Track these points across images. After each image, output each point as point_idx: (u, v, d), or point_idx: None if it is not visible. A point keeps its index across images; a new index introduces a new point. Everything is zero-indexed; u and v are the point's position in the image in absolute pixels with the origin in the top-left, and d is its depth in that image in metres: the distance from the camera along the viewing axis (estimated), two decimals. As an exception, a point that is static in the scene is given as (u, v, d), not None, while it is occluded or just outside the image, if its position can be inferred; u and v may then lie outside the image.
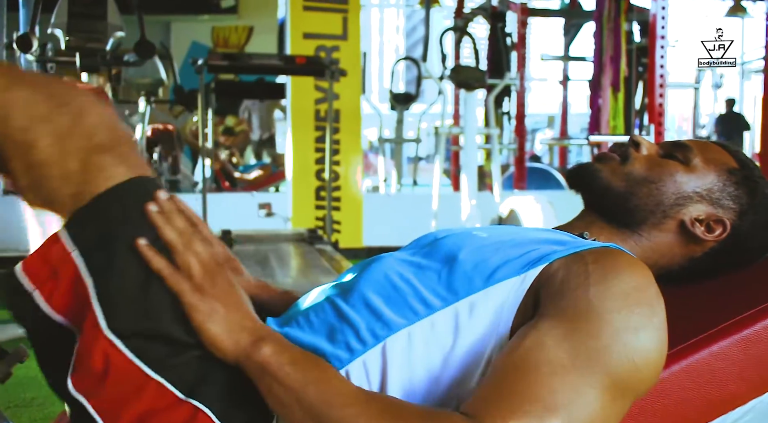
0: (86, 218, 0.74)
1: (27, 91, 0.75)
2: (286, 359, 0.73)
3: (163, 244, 0.76)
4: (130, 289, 0.74)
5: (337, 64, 3.68)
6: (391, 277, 0.84)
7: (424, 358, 0.78)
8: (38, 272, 0.75)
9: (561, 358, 0.70)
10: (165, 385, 0.73)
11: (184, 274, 0.75)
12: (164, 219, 0.77)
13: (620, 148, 0.96)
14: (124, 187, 0.75)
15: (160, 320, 0.74)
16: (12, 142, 0.74)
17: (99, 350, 0.72)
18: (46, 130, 0.74)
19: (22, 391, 2.06)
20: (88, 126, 0.75)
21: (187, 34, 8.27)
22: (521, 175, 5.51)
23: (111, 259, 0.74)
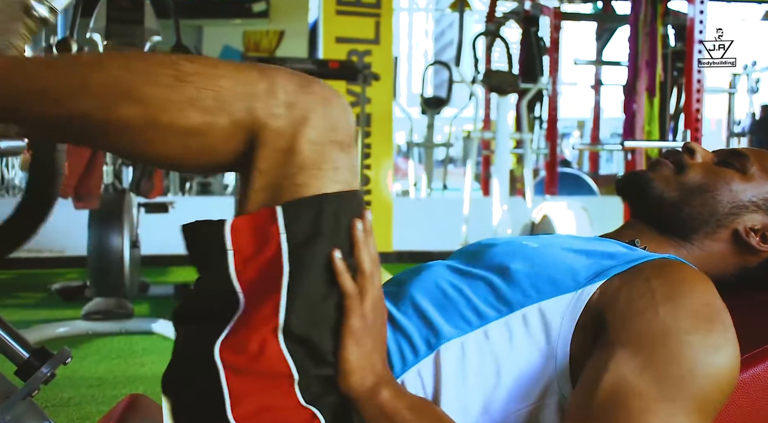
0: (305, 211, 0.73)
1: (282, 82, 0.72)
2: (404, 405, 0.74)
3: (353, 262, 0.75)
4: (314, 294, 0.73)
5: (369, 68, 3.69)
6: (442, 286, 0.83)
7: (477, 368, 0.77)
8: (242, 237, 0.73)
9: (647, 390, 0.70)
10: (295, 388, 0.73)
11: (360, 298, 0.75)
12: (365, 240, 0.76)
13: (674, 156, 0.94)
14: (347, 197, 0.75)
15: (322, 331, 0.74)
16: (277, 133, 0.72)
17: (262, 334, 0.72)
18: (313, 118, 0.72)
19: (59, 391, 2.09)
20: (333, 118, 0.74)
21: (218, 38, 8.34)
22: (553, 180, 5.46)
23: (311, 258, 0.73)
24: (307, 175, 0.73)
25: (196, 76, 0.71)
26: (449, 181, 7.42)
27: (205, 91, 0.71)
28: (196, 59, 0.73)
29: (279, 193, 0.73)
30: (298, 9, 8.42)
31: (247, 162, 0.74)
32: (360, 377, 0.74)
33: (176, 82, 0.71)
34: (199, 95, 0.71)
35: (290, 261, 0.73)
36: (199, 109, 0.71)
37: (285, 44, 8.32)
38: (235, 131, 0.72)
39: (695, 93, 3.20)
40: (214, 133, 0.72)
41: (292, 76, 0.74)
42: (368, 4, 4.62)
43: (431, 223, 5.00)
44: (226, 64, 0.73)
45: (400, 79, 7.59)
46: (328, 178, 0.73)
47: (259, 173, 0.73)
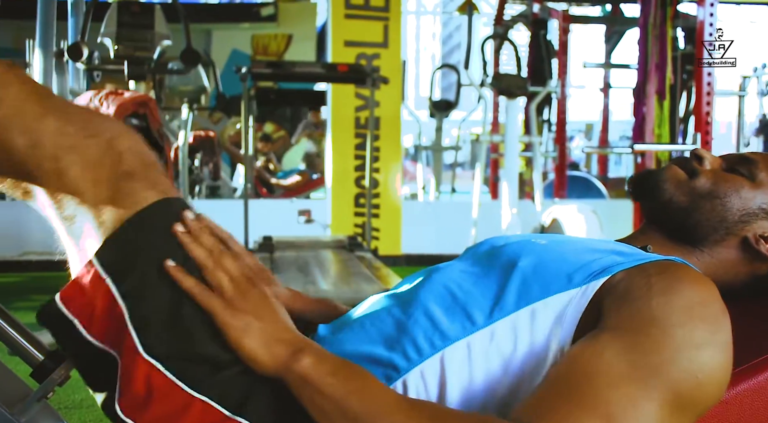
0: (116, 244, 0.76)
1: (59, 120, 0.77)
2: (326, 370, 0.73)
3: (194, 263, 0.77)
4: (163, 311, 0.75)
5: (378, 71, 3.69)
6: (451, 287, 0.83)
7: (483, 367, 0.77)
8: (76, 300, 0.77)
9: (620, 369, 0.69)
10: (210, 404, 0.74)
11: (216, 291, 0.76)
12: (191, 238, 0.78)
13: (683, 163, 0.94)
14: (150, 211, 0.77)
15: (195, 340, 0.75)
16: (43, 170, 0.77)
17: (140, 373, 0.74)
18: (76, 159, 0.76)
19: (72, 393, 2.10)
20: (116, 154, 0.77)
21: (227, 42, 8.38)
22: (562, 183, 5.45)
23: (142, 282, 0.75)
24: (106, 212, 0.77)
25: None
26: (458, 185, 7.42)
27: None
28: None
29: (93, 232, 0.78)
30: (307, 13, 8.45)
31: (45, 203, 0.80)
32: (270, 354, 0.74)
33: None
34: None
35: (122, 294, 0.75)
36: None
37: (293, 48, 8.35)
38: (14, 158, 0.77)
39: (705, 96, 3.19)
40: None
41: (69, 127, 0.78)
42: (377, 8, 4.63)
43: (440, 227, 5.00)
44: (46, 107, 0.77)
45: (409, 82, 7.59)
46: (126, 206, 0.77)
47: (64, 220, 0.79)
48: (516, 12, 6.29)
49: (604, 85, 6.81)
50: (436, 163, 7.07)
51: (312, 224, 4.67)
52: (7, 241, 4.30)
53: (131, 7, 3.30)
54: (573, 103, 11.37)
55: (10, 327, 1.06)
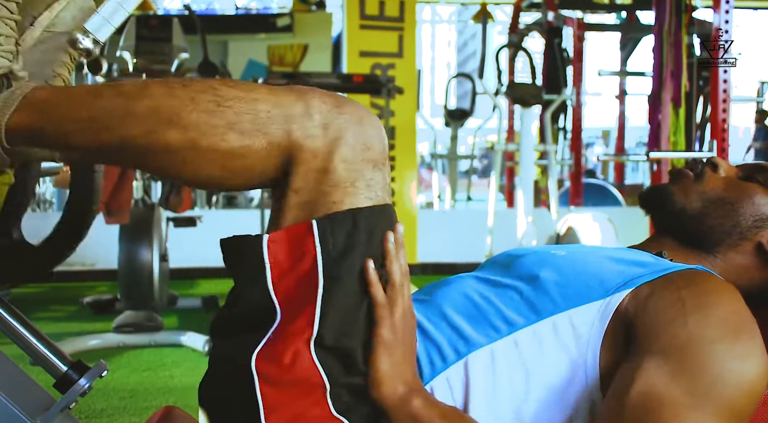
0: (340, 225, 0.76)
1: (318, 103, 0.76)
2: (436, 414, 0.76)
3: (384, 273, 0.78)
4: (347, 305, 0.76)
5: (393, 81, 3.72)
6: (471, 296, 0.85)
7: (506, 375, 0.79)
8: (279, 251, 0.76)
9: (676, 398, 0.71)
10: (327, 398, 0.76)
11: (390, 308, 0.77)
12: (396, 252, 0.79)
13: (695, 166, 0.95)
14: (379, 211, 0.78)
15: (353, 340, 0.76)
16: (313, 154, 0.75)
17: (295, 345, 0.74)
18: (347, 139, 0.75)
19: (92, 402, 2.13)
20: (366, 137, 0.77)
21: (243, 53, 8.45)
22: (577, 191, 5.43)
23: (346, 271, 0.76)
24: (341, 193, 0.76)
25: (234, 100, 0.75)
26: (473, 193, 7.41)
27: (243, 114, 0.74)
28: (235, 84, 0.76)
29: (313, 210, 0.76)
30: (322, 23, 8.51)
31: (283, 180, 0.77)
32: (391, 386, 0.76)
33: (216, 108, 0.74)
34: (237, 119, 0.74)
35: (325, 274, 0.75)
36: (238, 132, 0.74)
37: (309, 58, 8.40)
38: (273, 152, 0.75)
39: (721, 102, 3.18)
40: (253, 154, 0.75)
41: (327, 97, 0.77)
42: (391, 18, 4.66)
43: (456, 235, 5.00)
44: (262, 88, 0.77)
45: (424, 90, 7.61)
46: (361, 195, 0.76)
47: (294, 192, 0.76)
48: (531, 20, 6.29)
49: (619, 93, 6.78)
50: (451, 172, 7.08)
51: (328, 233, 4.68)
52: (29, 252, 4.35)
53: (149, 20, 3.35)
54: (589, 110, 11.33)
55: (33, 337, 1.09)
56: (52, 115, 0.77)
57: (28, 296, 3.97)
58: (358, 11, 4.62)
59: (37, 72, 0.89)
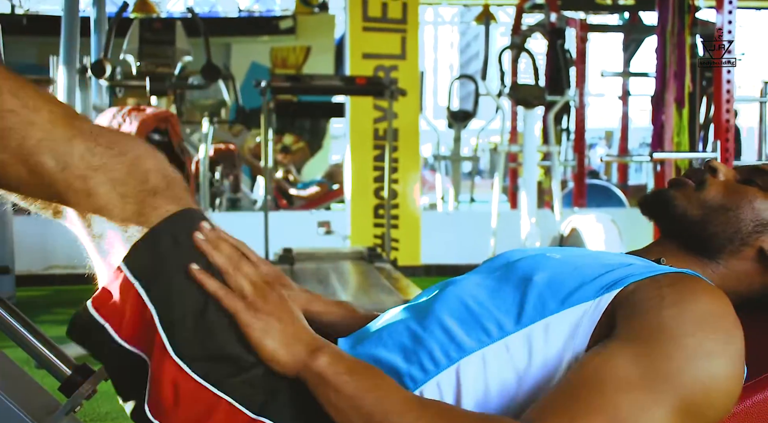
0: (143, 250, 0.79)
1: (87, 141, 0.80)
2: (343, 368, 0.76)
3: (215, 269, 0.80)
4: (190, 314, 0.78)
5: (396, 83, 3.72)
6: (466, 300, 0.85)
7: (498, 379, 0.79)
8: (107, 306, 0.80)
9: (630, 375, 0.70)
10: (235, 405, 0.76)
11: (237, 294, 0.79)
12: (212, 245, 0.81)
13: (695, 174, 0.95)
14: (173, 219, 0.80)
15: (220, 341, 0.78)
16: (73, 191, 0.79)
17: (168, 376, 0.76)
18: (104, 178, 0.79)
19: (97, 406, 2.13)
20: (142, 172, 0.80)
21: (246, 55, 8.47)
22: (581, 192, 5.43)
23: (170, 285, 0.78)
24: (133, 226, 0.79)
25: (9, 113, 0.77)
26: (476, 194, 7.41)
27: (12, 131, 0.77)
28: (21, 95, 0.78)
29: (121, 244, 0.80)
30: (325, 25, 8.52)
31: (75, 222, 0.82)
32: (289, 354, 0.77)
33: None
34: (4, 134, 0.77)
35: (152, 298, 0.78)
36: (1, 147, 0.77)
37: (312, 60, 8.41)
38: (37, 180, 0.79)
39: (725, 103, 3.17)
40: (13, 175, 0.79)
41: (100, 142, 0.80)
42: (394, 20, 4.66)
43: (459, 237, 5.00)
44: (46, 109, 0.79)
45: (427, 92, 7.61)
46: (152, 220, 0.79)
47: (93, 238, 0.82)
48: (533, 21, 6.29)
49: (622, 93, 6.78)
50: (454, 173, 7.08)
51: (331, 236, 4.70)
52: (32, 256, 4.37)
53: (153, 23, 3.37)
54: (592, 110, 11.33)
55: (38, 341, 1.09)
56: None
57: (31, 299, 3.98)
58: (360, 13, 4.62)
59: None
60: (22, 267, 4.09)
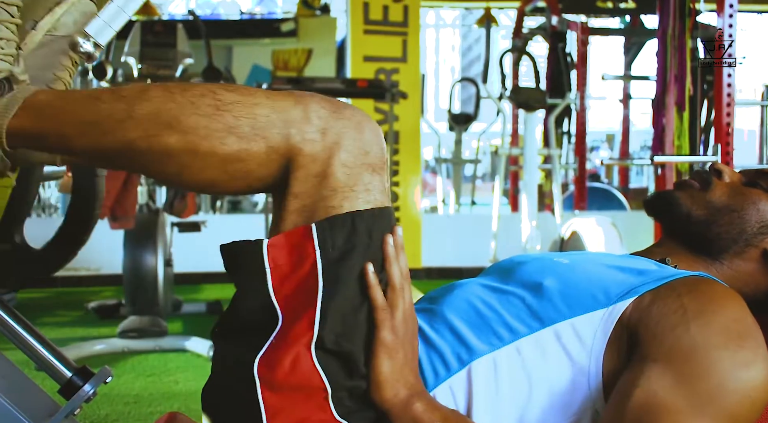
0: (339, 228, 0.76)
1: (311, 107, 0.76)
2: (437, 417, 0.76)
3: (384, 276, 0.78)
4: (347, 308, 0.76)
5: (397, 86, 3.72)
6: (474, 303, 0.85)
7: (509, 383, 0.79)
8: (280, 256, 0.77)
9: (678, 405, 0.71)
10: (329, 401, 0.76)
11: (390, 311, 0.78)
12: (395, 255, 0.79)
13: (700, 176, 0.95)
14: (378, 214, 0.78)
15: (354, 343, 0.77)
16: (302, 155, 0.76)
17: (297, 347, 0.75)
18: (329, 142, 0.76)
19: (96, 408, 2.13)
20: (365, 142, 0.78)
21: (248, 58, 8.47)
22: (582, 195, 5.42)
23: (345, 274, 0.76)
24: (339, 197, 0.76)
25: (233, 104, 0.75)
26: (477, 197, 7.41)
27: (242, 118, 0.74)
28: (234, 88, 0.77)
29: (313, 214, 0.77)
30: (326, 28, 8.52)
31: (282, 185, 0.77)
32: (392, 389, 0.76)
33: (215, 111, 0.74)
34: (237, 123, 0.74)
35: (324, 277, 0.76)
36: (237, 136, 0.74)
37: (313, 63, 8.41)
38: (272, 156, 0.76)
39: (725, 106, 3.17)
40: (252, 158, 0.75)
41: (325, 102, 0.77)
42: (395, 23, 4.67)
43: (460, 240, 4.99)
44: (261, 93, 0.77)
45: (428, 94, 7.61)
46: (359, 199, 0.77)
47: (293, 196, 0.77)
48: (535, 24, 6.30)
49: (623, 97, 6.78)
50: (455, 176, 7.08)
51: (332, 238, 4.69)
52: (34, 257, 4.36)
53: (154, 26, 3.37)
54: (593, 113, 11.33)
55: (38, 343, 1.09)
56: (52, 118, 0.78)
57: (32, 301, 3.98)
58: (362, 16, 4.63)
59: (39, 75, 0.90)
60: (23, 269, 4.09)
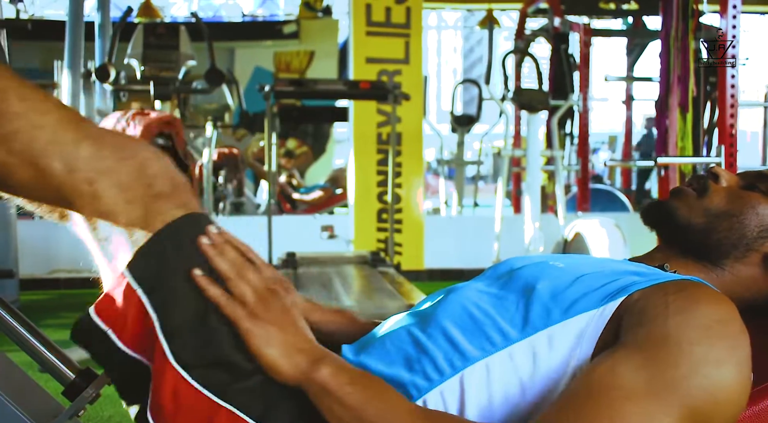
0: (146, 256, 0.79)
1: (94, 145, 0.80)
2: (345, 379, 0.75)
3: (218, 274, 0.80)
4: (190, 320, 0.77)
5: (399, 88, 3.72)
6: (469, 308, 0.84)
7: (502, 388, 0.78)
8: (109, 311, 0.80)
9: (636, 385, 0.69)
10: (235, 412, 0.76)
11: (239, 301, 0.79)
12: (216, 250, 0.81)
13: (698, 180, 0.94)
14: (177, 224, 0.80)
15: (220, 348, 0.77)
16: (78, 194, 0.79)
17: (169, 382, 0.76)
18: (111, 182, 0.79)
19: (100, 410, 2.13)
20: (149, 177, 0.80)
21: (250, 60, 8.48)
22: (585, 196, 5.42)
23: (171, 292, 0.78)
24: (137, 231, 0.80)
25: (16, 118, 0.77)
26: (480, 199, 7.40)
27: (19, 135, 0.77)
28: (28, 97, 0.78)
29: (125, 248, 0.80)
30: (328, 30, 8.53)
31: (79, 221, 0.83)
32: (290, 364, 0.77)
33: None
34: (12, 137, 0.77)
35: (153, 305, 0.78)
36: (5, 151, 0.77)
37: (315, 65, 8.42)
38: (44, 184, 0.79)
39: (729, 107, 3.16)
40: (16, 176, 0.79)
41: (111, 151, 0.80)
42: (398, 25, 4.67)
43: (463, 241, 4.99)
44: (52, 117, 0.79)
45: (430, 96, 7.61)
46: (157, 223, 0.79)
47: (98, 241, 0.82)
48: (537, 26, 6.29)
49: (626, 98, 6.77)
50: (458, 178, 7.07)
51: (335, 240, 4.69)
52: (37, 259, 4.37)
53: (157, 28, 3.38)
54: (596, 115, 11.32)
55: (41, 344, 1.09)
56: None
57: (35, 303, 3.98)
58: (364, 18, 4.63)
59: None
60: (26, 271, 4.10)
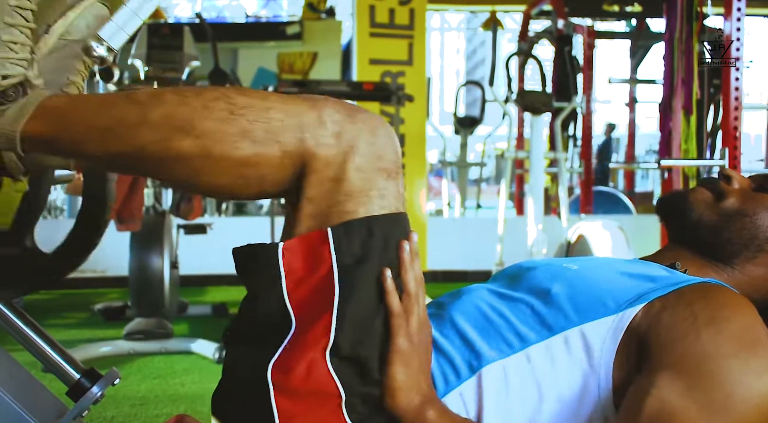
0: (355, 233, 0.76)
1: (326, 111, 0.76)
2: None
3: (399, 282, 0.78)
4: (363, 314, 0.76)
5: (403, 89, 3.72)
6: (483, 309, 0.84)
7: (519, 390, 0.78)
8: (295, 260, 0.77)
9: (690, 413, 0.70)
10: (342, 408, 0.75)
11: (406, 318, 0.77)
12: (411, 261, 0.79)
13: (711, 184, 0.95)
14: (394, 220, 0.78)
15: (369, 349, 0.76)
16: (316, 159, 0.75)
17: (311, 353, 0.74)
18: (344, 146, 0.75)
19: (103, 410, 2.13)
20: (379, 146, 0.77)
21: (253, 61, 8.49)
22: (588, 198, 5.42)
23: (361, 280, 0.76)
24: (354, 202, 0.76)
25: (247, 108, 0.75)
26: (483, 200, 7.40)
27: (256, 123, 0.74)
28: (248, 92, 0.76)
29: (327, 218, 0.76)
30: (332, 31, 8.54)
31: (297, 189, 0.77)
32: (406, 396, 0.76)
33: (229, 115, 0.74)
34: (251, 127, 0.74)
35: (341, 282, 0.75)
36: (251, 141, 0.74)
37: (318, 66, 8.42)
38: (285, 161, 0.75)
39: (732, 110, 3.16)
40: (266, 163, 0.75)
41: (340, 106, 0.77)
42: (401, 26, 4.67)
43: (465, 243, 4.99)
44: (275, 97, 0.77)
45: (433, 98, 7.60)
46: (374, 204, 0.76)
47: (308, 201, 0.76)
48: (541, 28, 6.29)
49: (629, 100, 6.77)
50: (461, 179, 7.07)
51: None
52: (40, 259, 4.37)
53: (161, 28, 3.38)
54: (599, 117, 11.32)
55: (45, 344, 1.09)
56: (66, 123, 0.78)
57: (38, 303, 3.99)
58: (368, 19, 4.63)
59: (52, 80, 0.90)
60: (29, 271, 4.09)
